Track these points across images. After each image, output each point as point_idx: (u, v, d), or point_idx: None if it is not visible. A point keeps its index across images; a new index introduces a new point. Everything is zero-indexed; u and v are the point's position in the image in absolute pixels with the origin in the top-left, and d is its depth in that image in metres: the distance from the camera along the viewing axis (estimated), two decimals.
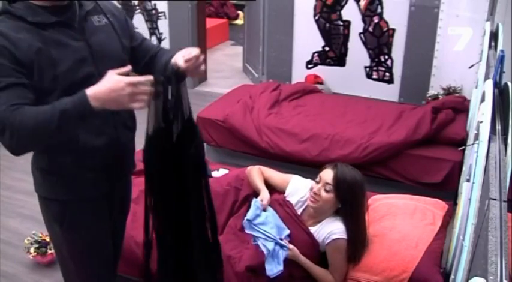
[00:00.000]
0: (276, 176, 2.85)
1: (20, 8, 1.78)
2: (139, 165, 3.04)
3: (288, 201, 2.65)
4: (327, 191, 2.45)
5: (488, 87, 2.30)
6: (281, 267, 2.36)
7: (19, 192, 3.91)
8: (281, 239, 2.45)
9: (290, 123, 4.22)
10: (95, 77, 1.79)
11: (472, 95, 3.94)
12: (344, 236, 2.48)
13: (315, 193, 2.49)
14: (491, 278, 1.10)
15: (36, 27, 1.76)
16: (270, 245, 2.39)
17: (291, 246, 2.45)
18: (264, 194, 2.67)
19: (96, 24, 1.92)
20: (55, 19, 1.81)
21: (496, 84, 2.55)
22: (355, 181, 2.44)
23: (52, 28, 1.79)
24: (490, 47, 3.37)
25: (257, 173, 2.84)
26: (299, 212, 2.62)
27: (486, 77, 2.86)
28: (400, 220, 2.75)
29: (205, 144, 4.51)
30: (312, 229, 2.56)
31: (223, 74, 7.01)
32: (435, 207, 2.91)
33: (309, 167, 3.73)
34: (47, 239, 3.22)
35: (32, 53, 1.72)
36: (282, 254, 2.41)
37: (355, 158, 3.88)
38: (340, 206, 2.49)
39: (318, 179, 2.51)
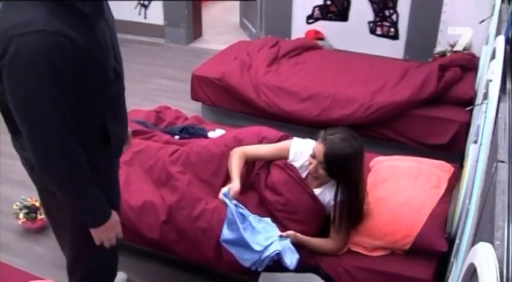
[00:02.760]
0: (267, 150, 2.75)
1: None
2: (134, 127, 3.06)
3: (291, 164, 2.65)
4: (323, 169, 2.46)
5: (500, 43, 2.28)
6: (297, 255, 2.37)
7: (7, 157, 3.87)
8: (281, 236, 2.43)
9: (289, 81, 4.19)
10: (114, 62, 1.79)
11: (482, 52, 3.91)
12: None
13: (314, 171, 2.50)
14: (498, 243, 1.11)
15: (89, 18, 1.61)
16: (277, 245, 2.36)
17: (290, 232, 2.45)
18: (234, 185, 2.51)
19: None
20: (101, 4, 1.67)
21: (508, 41, 2.52)
22: (345, 157, 2.39)
23: (98, 15, 1.66)
24: (502, 0, 3.32)
25: (236, 159, 2.68)
26: (303, 175, 2.63)
27: (497, 33, 2.83)
28: (403, 183, 2.76)
29: (200, 103, 4.52)
30: (317, 191, 2.58)
31: (219, 30, 6.93)
32: (440, 169, 2.92)
33: (308, 128, 3.73)
34: (37, 204, 3.23)
35: (93, 55, 1.62)
36: (289, 243, 2.41)
37: (357, 118, 3.88)
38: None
39: (312, 153, 2.49)
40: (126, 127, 2.08)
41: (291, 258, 2.34)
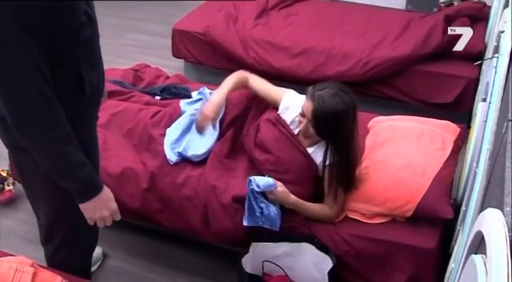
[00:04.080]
0: (267, 85, 2.85)
1: None
2: (110, 87, 3.03)
3: (283, 120, 2.66)
4: (313, 127, 2.47)
5: None
6: (276, 207, 2.42)
7: None
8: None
9: (280, 35, 4.17)
10: (85, 6, 1.82)
11: None
12: None
13: (304, 131, 2.52)
14: (508, 209, 1.12)
15: None
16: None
17: (279, 183, 2.46)
18: (213, 97, 2.65)
19: None
20: None
21: None
22: (336, 113, 2.40)
23: None
24: None
25: (233, 77, 2.78)
26: (295, 132, 2.64)
27: None
28: (405, 145, 2.78)
29: (183, 60, 4.49)
30: (310, 150, 2.60)
31: None
32: (445, 130, 2.93)
33: (302, 85, 3.71)
34: (4, 174, 3.21)
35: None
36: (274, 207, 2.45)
37: (354, 75, 3.88)
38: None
39: (301, 112, 2.50)
40: (103, 78, 2.07)
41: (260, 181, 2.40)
